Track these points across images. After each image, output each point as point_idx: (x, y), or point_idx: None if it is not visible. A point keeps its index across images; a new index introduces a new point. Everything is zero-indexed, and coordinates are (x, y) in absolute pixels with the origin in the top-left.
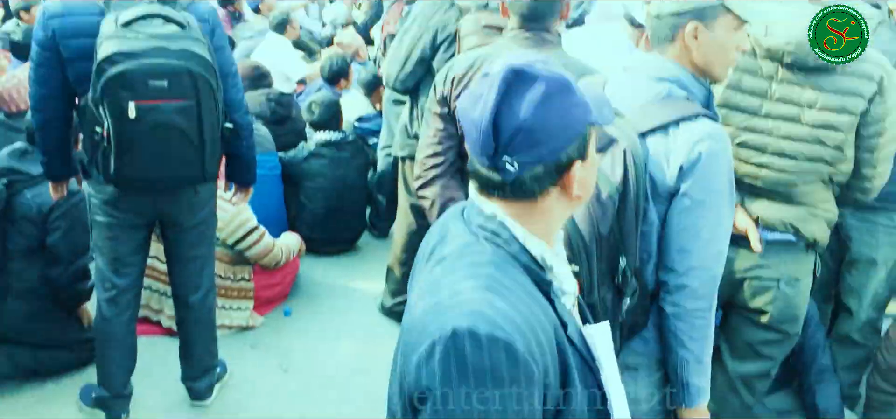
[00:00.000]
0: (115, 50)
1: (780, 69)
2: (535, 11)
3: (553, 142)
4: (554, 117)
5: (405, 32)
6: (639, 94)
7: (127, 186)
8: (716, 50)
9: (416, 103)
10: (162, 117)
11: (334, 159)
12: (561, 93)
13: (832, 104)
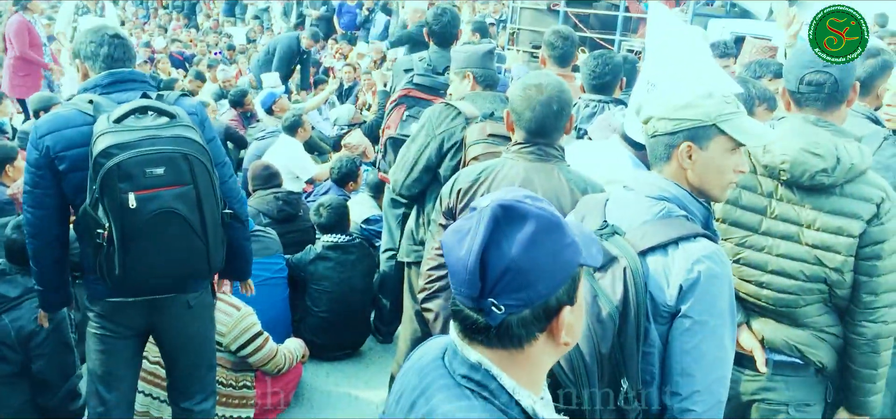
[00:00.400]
0: (109, 144)
1: (778, 187)
2: (542, 126)
3: (543, 284)
4: (544, 258)
5: (413, 140)
6: (639, 212)
7: (133, 288)
8: (711, 170)
9: (422, 210)
10: (163, 204)
11: (340, 262)
12: (552, 232)
13: (831, 225)
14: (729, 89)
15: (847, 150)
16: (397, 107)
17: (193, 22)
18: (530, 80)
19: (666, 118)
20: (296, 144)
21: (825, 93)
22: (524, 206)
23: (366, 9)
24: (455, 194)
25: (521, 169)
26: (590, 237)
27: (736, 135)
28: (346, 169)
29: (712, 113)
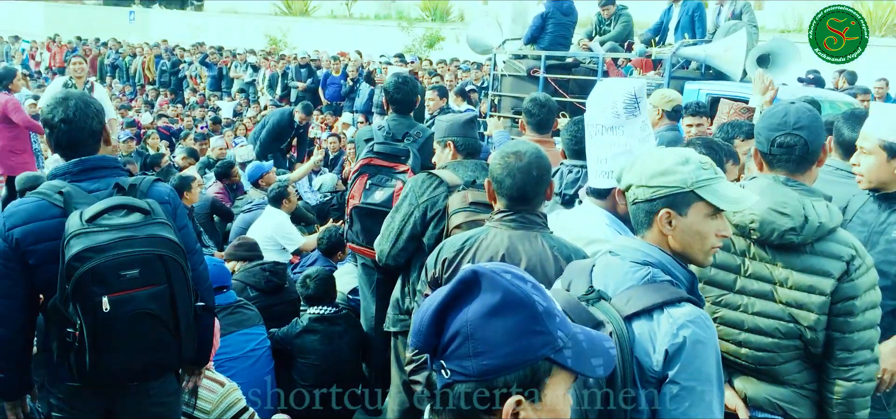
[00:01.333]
0: (83, 247)
1: (751, 245)
2: (523, 193)
3: (489, 360)
4: (498, 333)
5: (396, 209)
6: (624, 277)
7: (99, 380)
8: (692, 235)
9: (407, 279)
10: (137, 306)
11: (327, 335)
12: (517, 311)
13: (803, 283)
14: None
15: (815, 209)
16: (360, 176)
17: (180, 97)
18: (509, 149)
19: (644, 185)
20: (282, 215)
21: (795, 155)
22: (497, 277)
23: (350, 80)
24: (440, 264)
25: (506, 237)
26: (597, 346)
27: (713, 200)
28: (335, 239)
29: (689, 179)
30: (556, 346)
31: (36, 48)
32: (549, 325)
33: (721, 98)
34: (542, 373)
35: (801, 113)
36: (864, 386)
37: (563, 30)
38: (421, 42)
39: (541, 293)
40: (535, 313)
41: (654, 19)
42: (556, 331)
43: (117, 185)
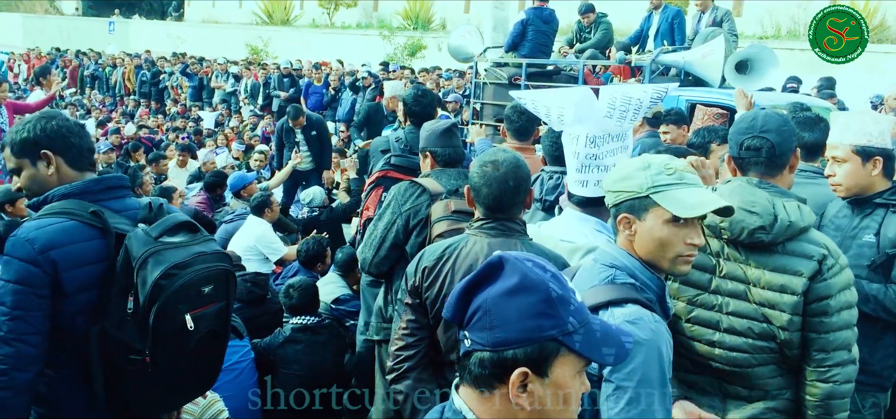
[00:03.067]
0: (170, 264)
1: (725, 246)
2: (500, 202)
3: (502, 332)
4: (512, 310)
5: (379, 218)
6: (589, 278)
7: (156, 408)
8: (652, 241)
9: (390, 287)
10: (207, 324)
11: (310, 345)
12: (531, 293)
13: (775, 282)
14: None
15: (785, 209)
16: (375, 188)
17: (161, 108)
18: (487, 158)
19: (610, 191)
20: (264, 225)
21: (763, 156)
22: (519, 263)
23: (332, 89)
24: (421, 273)
25: (485, 245)
26: (611, 337)
27: (668, 206)
28: (314, 251)
29: (645, 184)
30: (566, 330)
31: (14, 60)
32: (561, 311)
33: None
34: (549, 352)
35: (768, 117)
36: (842, 387)
37: (543, 37)
38: (403, 51)
39: (559, 282)
40: (548, 297)
41: (635, 27)
42: (568, 317)
43: (149, 205)
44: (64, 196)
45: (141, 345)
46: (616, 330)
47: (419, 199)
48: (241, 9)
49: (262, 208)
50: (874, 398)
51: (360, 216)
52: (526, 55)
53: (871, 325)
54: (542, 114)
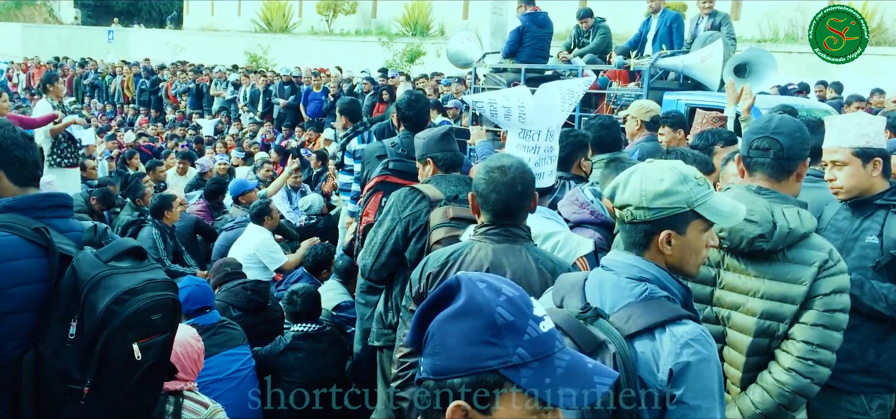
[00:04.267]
0: (122, 289)
1: (725, 256)
2: (508, 208)
3: (442, 361)
4: (452, 338)
5: (379, 224)
6: (620, 294)
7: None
8: (689, 251)
9: (390, 293)
10: (154, 355)
11: (312, 352)
12: (474, 318)
13: (775, 292)
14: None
15: (784, 215)
16: (374, 194)
17: (161, 116)
18: (493, 163)
19: (644, 208)
20: (264, 233)
21: (770, 157)
22: (470, 284)
23: (331, 96)
24: (425, 279)
25: (490, 251)
26: (577, 374)
27: (711, 217)
28: (321, 257)
29: (690, 198)
30: (509, 362)
31: (13, 69)
32: (507, 340)
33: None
34: (490, 384)
35: (783, 121)
36: (814, 386)
37: (539, 42)
38: (402, 57)
39: (514, 308)
40: (491, 324)
41: (632, 31)
42: (516, 348)
43: (94, 228)
44: (6, 208)
45: (80, 373)
46: (592, 368)
47: (418, 206)
48: (240, 16)
49: (262, 216)
50: (881, 400)
51: (360, 222)
52: (524, 61)
53: (877, 326)
54: (501, 115)
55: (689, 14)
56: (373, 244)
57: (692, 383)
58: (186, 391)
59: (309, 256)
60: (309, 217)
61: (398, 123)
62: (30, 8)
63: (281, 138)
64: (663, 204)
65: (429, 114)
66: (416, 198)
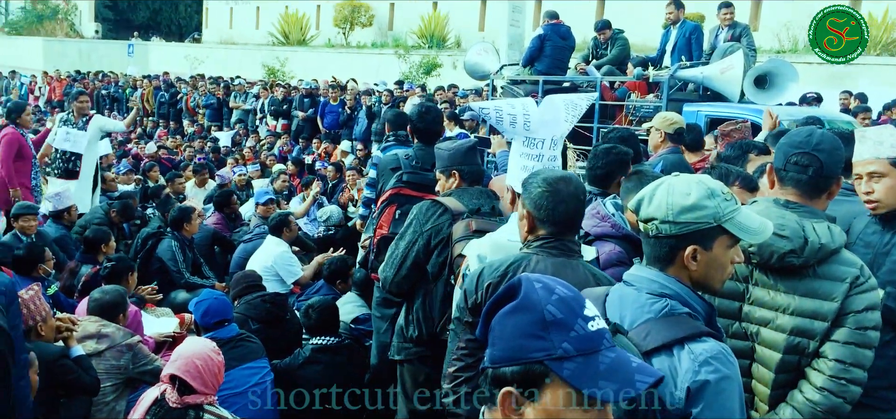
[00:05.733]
0: None
1: (754, 271)
2: (573, 220)
3: (498, 351)
4: (508, 330)
5: (400, 237)
6: (640, 310)
7: None
8: (714, 267)
9: (411, 307)
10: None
11: (330, 365)
12: (524, 315)
13: (806, 308)
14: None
15: (815, 230)
16: (388, 206)
17: (179, 128)
18: (551, 176)
19: (670, 221)
20: (282, 246)
21: (808, 175)
22: (527, 284)
23: (348, 108)
24: (484, 290)
25: (549, 265)
26: (618, 370)
27: (738, 233)
28: (337, 266)
29: (717, 213)
30: (553, 355)
31: (35, 83)
32: (553, 335)
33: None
34: (535, 375)
35: (824, 137)
36: (846, 406)
37: (560, 53)
38: (418, 69)
39: (564, 306)
40: (541, 320)
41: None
42: (562, 342)
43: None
44: None
45: None
46: (636, 366)
47: (441, 219)
48: (258, 29)
49: (281, 228)
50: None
51: (374, 234)
52: (543, 71)
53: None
54: (506, 123)
55: (707, 25)
56: (394, 257)
57: (710, 402)
58: (206, 405)
59: (325, 265)
60: (327, 228)
61: (412, 136)
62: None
63: (298, 150)
64: (690, 218)
65: (442, 125)
66: (438, 211)
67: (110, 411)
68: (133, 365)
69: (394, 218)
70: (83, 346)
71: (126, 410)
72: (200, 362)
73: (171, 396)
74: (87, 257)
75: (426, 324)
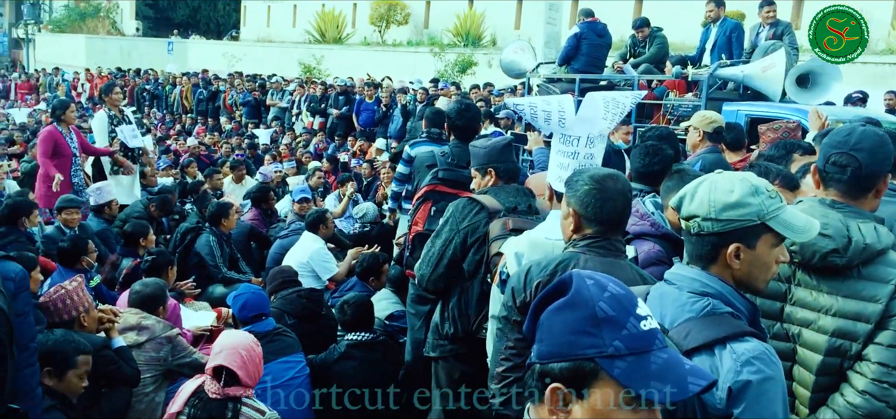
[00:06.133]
0: None
1: (796, 271)
2: (622, 218)
3: (547, 346)
4: (557, 326)
5: (437, 235)
6: (681, 308)
7: None
8: (758, 266)
9: (447, 304)
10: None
11: (365, 361)
12: (576, 311)
13: (849, 310)
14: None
15: (860, 230)
16: (424, 203)
17: (217, 125)
18: (599, 173)
19: (712, 219)
20: (318, 242)
21: (846, 176)
22: (580, 281)
23: (383, 105)
24: (532, 289)
25: (597, 264)
26: (671, 371)
27: (782, 231)
28: (369, 263)
29: (761, 211)
30: (605, 353)
31: (78, 79)
32: (605, 333)
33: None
34: (586, 371)
35: (865, 135)
36: (889, 410)
37: (597, 51)
38: (453, 67)
39: (616, 303)
40: (592, 316)
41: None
42: (613, 340)
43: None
44: None
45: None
46: (689, 368)
47: (477, 217)
48: (295, 28)
49: (317, 225)
50: None
51: (409, 231)
52: (579, 69)
53: None
54: (541, 119)
55: (748, 23)
56: (430, 255)
57: (752, 403)
58: (245, 398)
59: (358, 262)
60: (363, 225)
61: (449, 133)
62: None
63: (333, 148)
64: (732, 215)
65: (480, 123)
66: (475, 209)
67: (150, 402)
68: (172, 357)
69: (429, 215)
70: (124, 338)
71: (165, 402)
72: (245, 353)
73: (211, 387)
74: (128, 250)
75: (462, 321)
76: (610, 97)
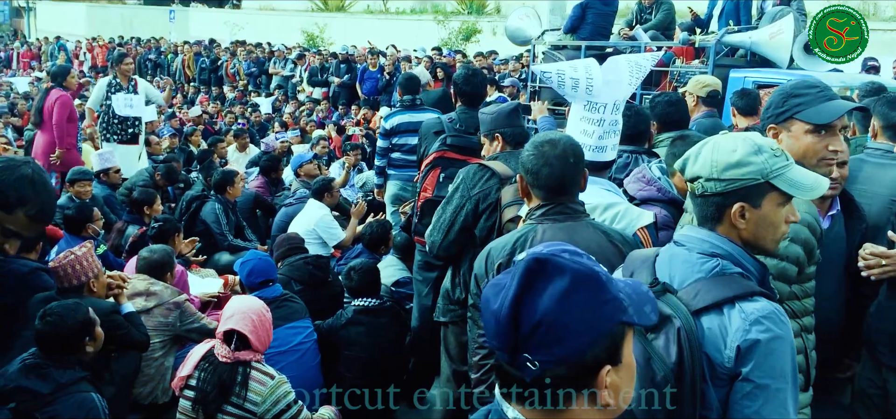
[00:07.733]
0: None
1: None
2: (561, 182)
3: (576, 340)
4: (578, 313)
5: (448, 201)
6: (690, 269)
7: None
8: (764, 226)
9: (458, 270)
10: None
11: (372, 326)
12: (587, 287)
13: None
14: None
15: None
16: (432, 169)
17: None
18: (540, 139)
19: (715, 179)
20: (324, 209)
21: None
22: (560, 259)
23: (386, 73)
24: (494, 271)
25: (557, 231)
26: (643, 295)
27: (789, 189)
28: (378, 233)
29: (765, 169)
30: (623, 307)
31: (79, 48)
32: (614, 290)
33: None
34: (619, 336)
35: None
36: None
37: (603, 20)
38: (457, 35)
39: (595, 261)
40: (600, 283)
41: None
42: (619, 293)
43: None
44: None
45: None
46: (635, 284)
47: (489, 183)
48: None
49: (323, 192)
50: None
51: (418, 197)
52: (585, 38)
53: None
54: (568, 86)
55: None
56: (442, 221)
57: (761, 361)
58: (254, 362)
59: (366, 233)
60: (365, 193)
61: (456, 99)
62: None
63: (337, 116)
64: (735, 174)
65: (486, 89)
66: (486, 175)
67: (159, 367)
68: (180, 322)
69: (438, 181)
70: (133, 304)
71: (174, 366)
72: (256, 317)
73: (221, 351)
74: (134, 218)
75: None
76: (632, 60)
